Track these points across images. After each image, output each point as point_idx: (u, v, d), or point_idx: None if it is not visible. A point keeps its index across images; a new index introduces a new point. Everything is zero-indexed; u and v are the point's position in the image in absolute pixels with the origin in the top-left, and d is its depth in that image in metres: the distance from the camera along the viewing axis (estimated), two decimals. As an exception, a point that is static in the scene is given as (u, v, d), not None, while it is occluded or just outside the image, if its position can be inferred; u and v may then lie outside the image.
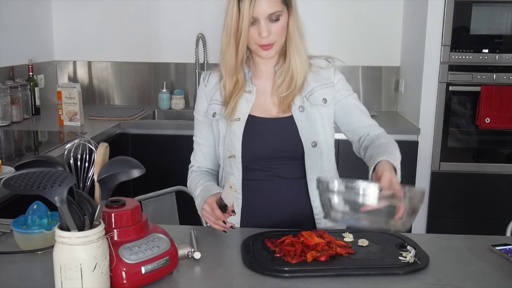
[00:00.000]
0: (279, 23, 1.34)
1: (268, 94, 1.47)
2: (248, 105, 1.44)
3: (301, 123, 1.43)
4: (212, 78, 1.51)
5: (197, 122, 1.54)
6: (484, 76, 2.70)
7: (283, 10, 1.34)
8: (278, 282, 1.08)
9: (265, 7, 1.31)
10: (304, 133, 1.43)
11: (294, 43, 1.40)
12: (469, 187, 2.81)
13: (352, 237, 1.27)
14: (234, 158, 1.44)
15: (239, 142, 1.43)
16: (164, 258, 1.04)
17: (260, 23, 1.33)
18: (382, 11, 3.20)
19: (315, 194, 1.44)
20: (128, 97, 3.43)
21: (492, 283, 1.09)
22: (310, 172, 1.45)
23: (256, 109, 1.45)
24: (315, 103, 1.45)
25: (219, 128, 1.47)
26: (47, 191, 0.88)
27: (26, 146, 2.40)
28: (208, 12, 3.27)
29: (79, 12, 3.33)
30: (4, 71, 2.80)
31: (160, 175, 2.44)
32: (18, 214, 1.24)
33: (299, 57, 1.41)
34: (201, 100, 1.52)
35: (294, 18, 1.39)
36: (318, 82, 1.47)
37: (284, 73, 1.43)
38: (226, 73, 1.43)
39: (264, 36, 1.33)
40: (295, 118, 1.43)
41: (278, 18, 1.34)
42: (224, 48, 1.42)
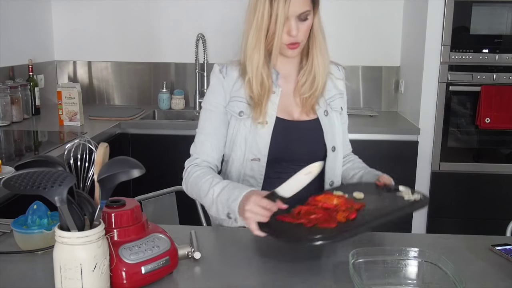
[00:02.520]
0: (307, 23, 1.35)
1: (291, 95, 1.46)
2: (274, 107, 1.42)
3: (326, 127, 1.45)
4: (231, 71, 1.46)
5: (207, 112, 1.47)
6: (484, 76, 2.70)
7: (311, 10, 1.34)
8: (279, 281, 1.08)
9: (297, 7, 1.31)
10: (328, 137, 1.45)
11: (318, 43, 1.40)
12: (469, 187, 2.81)
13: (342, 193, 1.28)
14: (258, 161, 1.42)
15: (266, 146, 1.41)
16: (164, 258, 1.04)
17: (290, 22, 1.32)
18: (382, 11, 3.20)
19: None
20: (128, 97, 3.43)
21: (492, 283, 1.09)
22: (327, 176, 1.48)
23: (280, 111, 1.44)
24: (335, 109, 1.48)
25: (239, 127, 1.43)
26: (47, 191, 0.88)
27: (26, 146, 2.40)
28: (208, 12, 3.27)
29: (79, 12, 3.33)
30: (4, 71, 2.80)
31: (160, 175, 2.44)
32: (18, 214, 1.24)
33: (322, 57, 1.41)
34: (218, 92, 1.46)
35: (318, 17, 1.39)
36: (336, 90, 1.51)
37: (307, 73, 1.43)
38: (253, 75, 1.39)
39: (294, 35, 1.33)
40: (321, 122, 1.45)
41: (307, 18, 1.34)
42: (251, 49, 1.37)
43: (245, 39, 1.39)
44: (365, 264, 1.04)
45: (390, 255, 1.07)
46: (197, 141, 1.50)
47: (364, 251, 1.04)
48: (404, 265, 1.06)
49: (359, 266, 1.02)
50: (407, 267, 1.06)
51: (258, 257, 1.23)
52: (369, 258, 1.04)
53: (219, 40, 3.28)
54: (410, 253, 1.06)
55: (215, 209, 1.35)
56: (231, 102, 1.44)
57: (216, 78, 1.47)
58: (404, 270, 1.06)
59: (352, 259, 1.01)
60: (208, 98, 1.49)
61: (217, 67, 1.49)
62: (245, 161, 1.44)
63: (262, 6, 1.31)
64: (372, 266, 1.04)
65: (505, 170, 2.79)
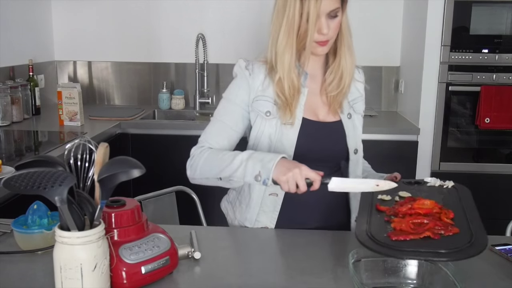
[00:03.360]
0: (337, 20, 1.34)
1: (317, 94, 1.45)
2: (300, 107, 1.40)
3: (349, 130, 1.44)
4: (257, 69, 1.42)
5: (229, 104, 1.43)
6: (484, 76, 2.70)
7: (340, 7, 1.33)
8: (279, 282, 1.08)
9: (329, 4, 1.30)
10: (350, 140, 1.44)
11: (346, 40, 1.39)
12: (469, 187, 2.80)
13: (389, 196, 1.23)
14: None
15: (292, 147, 1.39)
16: (164, 258, 1.04)
17: (321, 20, 1.31)
18: (382, 11, 3.20)
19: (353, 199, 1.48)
20: (128, 97, 3.43)
21: (492, 283, 1.09)
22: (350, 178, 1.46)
23: (306, 111, 1.42)
24: (357, 112, 1.48)
25: (265, 127, 1.40)
26: (47, 191, 0.88)
27: (26, 146, 2.40)
28: (208, 12, 3.27)
29: (79, 12, 3.33)
30: (4, 71, 2.80)
31: (160, 175, 2.44)
32: (18, 214, 1.24)
33: (350, 55, 1.40)
34: (243, 88, 1.42)
35: (346, 15, 1.38)
36: (359, 93, 1.50)
37: (334, 71, 1.41)
38: (285, 75, 1.36)
39: (325, 33, 1.31)
40: (344, 125, 1.44)
41: (336, 15, 1.33)
42: (282, 48, 1.35)
43: (275, 38, 1.36)
44: (365, 264, 1.04)
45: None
46: (211, 130, 1.44)
47: (364, 251, 1.04)
48: (404, 265, 1.06)
49: (359, 266, 1.02)
50: (407, 267, 1.06)
51: (258, 257, 1.23)
52: (369, 258, 1.04)
53: (219, 40, 3.28)
54: None
55: (241, 172, 1.29)
56: (257, 101, 1.41)
57: (242, 73, 1.43)
58: (404, 270, 1.06)
59: (352, 259, 1.01)
60: (232, 90, 1.45)
61: (243, 62, 1.45)
62: None
63: (293, 5, 1.30)
64: (372, 266, 1.04)
65: (505, 170, 2.79)
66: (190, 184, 1.91)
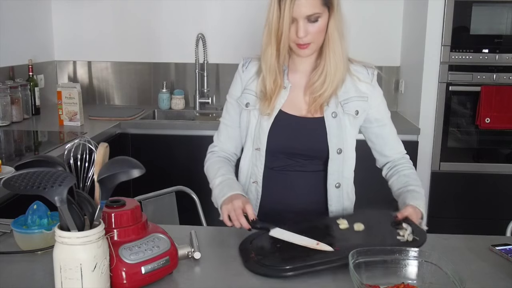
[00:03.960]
0: (317, 24, 1.35)
1: (302, 91, 1.47)
2: (280, 101, 1.45)
3: (331, 129, 1.44)
4: (251, 66, 1.51)
5: (228, 104, 1.56)
6: (484, 76, 2.70)
7: (322, 12, 1.35)
8: (279, 282, 1.08)
9: (304, 8, 1.32)
10: (333, 139, 1.44)
11: (332, 45, 1.40)
12: (469, 187, 2.81)
13: (347, 223, 1.28)
14: (259, 150, 1.47)
15: (265, 137, 1.45)
16: (164, 258, 1.04)
17: (299, 23, 1.33)
18: (382, 11, 3.20)
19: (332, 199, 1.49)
20: (128, 97, 3.43)
21: (492, 283, 1.09)
22: (331, 178, 1.47)
23: (287, 105, 1.46)
24: (347, 112, 1.46)
25: (250, 119, 1.48)
26: (47, 191, 0.88)
27: (26, 146, 2.40)
28: (208, 12, 3.27)
29: (79, 12, 3.33)
30: (4, 71, 2.80)
31: (160, 175, 2.44)
32: (18, 214, 1.24)
33: (335, 59, 1.41)
34: (236, 84, 1.53)
35: (336, 19, 1.39)
36: (356, 93, 1.48)
37: (318, 73, 1.43)
38: (267, 71, 1.43)
39: (301, 36, 1.34)
40: (326, 123, 1.44)
41: (317, 20, 1.34)
42: (264, 47, 1.42)
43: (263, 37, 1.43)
44: (365, 264, 1.04)
45: (390, 255, 1.07)
46: (219, 130, 1.60)
47: (364, 251, 1.04)
48: (404, 265, 1.06)
49: (359, 266, 1.02)
50: (407, 267, 1.06)
51: (258, 257, 1.23)
52: (369, 258, 1.04)
53: (219, 40, 3.28)
54: (410, 253, 1.06)
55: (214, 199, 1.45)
56: (243, 94, 1.50)
57: (238, 71, 1.54)
58: (404, 270, 1.06)
59: (352, 259, 1.01)
60: (230, 90, 1.56)
61: (242, 61, 1.55)
62: (252, 150, 1.50)
63: (273, 6, 1.35)
64: (372, 266, 1.04)
65: (505, 170, 2.79)
66: (190, 184, 1.92)
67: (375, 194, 2.54)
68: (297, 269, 1.10)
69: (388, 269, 1.05)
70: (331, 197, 1.48)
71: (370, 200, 1.47)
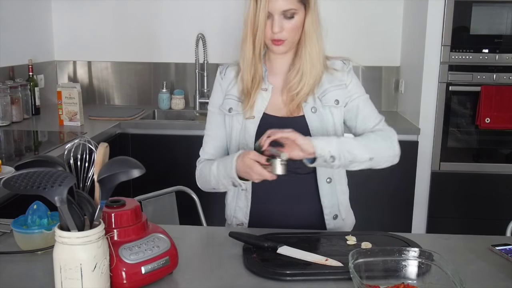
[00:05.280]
0: (293, 21, 1.35)
1: (279, 92, 1.47)
2: (263, 103, 1.45)
3: (313, 124, 1.43)
4: (229, 71, 1.52)
5: (210, 114, 1.55)
6: (484, 76, 2.70)
7: (298, 9, 1.35)
8: (279, 283, 1.08)
9: (280, 4, 1.32)
10: (316, 134, 1.43)
11: (308, 43, 1.40)
12: (469, 187, 2.81)
13: (355, 240, 1.27)
14: None
15: (252, 140, 1.43)
16: (164, 258, 1.04)
17: (274, 18, 1.34)
18: (382, 11, 3.20)
19: (325, 194, 1.47)
20: (128, 97, 3.43)
21: (492, 283, 1.09)
22: (321, 173, 1.46)
23: (269, 107, 1.45)
24: (327, 104, 1.44)
25: (233, 124, 1.47)
26: (47, 191, 0.88)
27: (26, 146, 2.40)
28: (208, 12, 3.27)
29: (79, 12, 3.33)
30: (4, 71, 2.80)
31: (160, 175, 2.44)
32: (18, 214, 1.24)
33: (311, 57, 1.41)
34: (217, 93, 1.52)
35: (312, 17, 1.39)
36: (331, 83, 1.46)
37: (295, 72, 1.43)
38: (244, 66, 1.43)
39: (275, 32, 1.35)
40: (307, 119, 1.43)
41: (293, 16, 1.35)
42: (242, 41, 1.42)
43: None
44: (365, 264, 1.04)
45: (390, 255, 1.07)
46: (204, 142, 1.56)
47: (364, 251, 1.04)
48: (404, 265, 1.06)
49: (359, 266, 1.02)
50: (407, 267, 1.06)
51: (258, 257, 1.23)
52: (369, 258, 1.04)
53: (219, 40, 3.28)
54: (410, 253, 1.06)
55: (223, 186, 1.42)
56: (224, 101, 1.49)
57: (217, 79, 1.54)
58: (404, 270, 1.06)
59: (352, 259, 1.01)
60: (210, 100, 1.56)
61: (219, 68, 1.54)
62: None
63: (250, 2, 1.36)
64: (372, 266, 1.04)
65: (505, 170, 2.79)
66: (190, 184, 1.91)
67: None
68: (297, 275, 1.10)
69: (388, 269, 1.05)
70: (324, 192, 1.46)
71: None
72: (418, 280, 1.05)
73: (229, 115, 1.47)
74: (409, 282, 1.04)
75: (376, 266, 1.05)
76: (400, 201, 2.81)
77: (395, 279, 1.05)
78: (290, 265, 1.13)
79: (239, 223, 1.50)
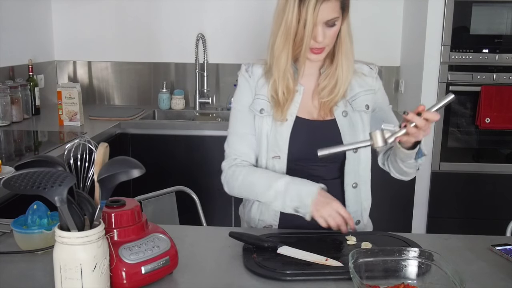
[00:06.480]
0: (334, 29, 1.33)
1: (310, 95, 1.45)
2: (295, 105, 1.42)
3: (344, 128, 1.42)
4: (256, 70, 1.46)
5: (238, 113, 1.48)
6: (484, 76, 2.70)
7: (339, 16, 1.33)
8: (279, 283, 1.08)
9: (326, 14, 1.30)
10: (347, 138, 1.42)
11: (344, 49, 1.39)
12: (469, 187, 2.81)
13: (355, 240, 1.27)
14: (279, 158, 1.42)
15: (285, 144, 1.41)
16: (164, 258, 1.04)
17: (317, 28, 1.31)
18: (382, 11, 3.20)
19: (350, 199, 1.46)
20: (128, 97, 3.43)
21: (492, 283, 1.09)
22: (348, 178, 1.45)
23: (300, 110, 1.43)
24: (358, 109, 1.44)
25: (262, 125, 1.43)
26: (47, 191, 0.88)
27: (26, 146, 2.39)
28: (208, 12, 3.27)
29: (79, 12, 3.33)
30: (4, 71, 2.80)
31: (160, 175, 2.44)
32: (18, 214, 1.24)
33: (347, 63, 1.39)
34: (245, 91, 1.47)
35: (347, 23, 1.38)
36: (362, 87, 1.46)
37: (329, 77, 1.41)
38: (280, 77, 1.39)
39: (320, 41, 1.32)
40: (338, 123, 1.42)
41: (334, 24, 1.33)
42: (279, 51, 1.37)
43: (273, 39, 1.38)
44: (365, 264, 1.04)
45: (390, 255, 1.06)
46: (231, 142, 1.49)
47: (364, 251, 1.04)
48: (404, 265, 1.06)
49: (359, 266, 1.02)
50: (407, 267, 1.06)
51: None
52: (369, 258, 1.04)
53: (219, 40, 3.28)
54: (410, 253, 1.06)
55: (280, 204, 1.37)
56: (255, 100, 1.44)
57: (243, 77, 1.48)
58: (404, 270, 1.06)
59: (352, 259, 1.01)
60: (237, 98, 1.49)
61: (243, 66, 1.49)
62: (268, 159, 1.44)
63: (292, 10, 1.30)
64: (372, 266, 1.04)
65: (505, 170, 2.79)
66: (190, 184, 1.92)
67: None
68: (297, 275, 1.10)
69: (388, 269, 1.05)
70: (349, 197, 1.45)
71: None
72: (418, 280, 1.05)
73: (260, 116, 1.43)
74: (409, 282, 1.04)
75: (376, 266, 1.05)
76: (400, 201, 2.81)
77: (395, 279, 1.05)
78: (290, 265, 1.13)
79: (266, 225, 1.47)
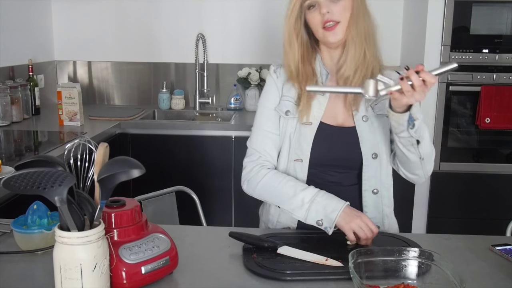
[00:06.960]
0: (341, 3, 1.33)
1: (341, 97, 1.44)
2: (321, 108, 1.42)
3: (363, 134, 1.40)
4: (283, 71, 1.47)
5: (265, 110, 1.47)
6: (484, 76, 2.70)
7: None
8: (279, 283, 1.08)
9: None
10: (366, 144, 1.40)
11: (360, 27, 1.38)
12: (469, 187, 2.81)
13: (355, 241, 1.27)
14: (301, 162, 1.41)
15: (308, 147, 1.40)
16: (164, 258, 1.04)
17: (320, 3, 1.32)
18: (382, 11, 3.19)
19: (368, 206, 1.44)
20: (128, 97, 3.43)
21: (492, 283, 1.09)
22: (367, 184, 1.42)
23: (325, 114, 1.42)
24: (379, 113, 1.41)
25: (287, 127, 1.43)
26: (47, 191, 0.88)
27: (26, 146, 2.39)
28: (208, 12, 3.27)
29: (79, 12, 3.33)
30: (4, 71, 2.80)
31: (160, 175, 2.44)
32: (18, 214, 1.24)
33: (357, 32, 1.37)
34: (272, 91, 1.47)
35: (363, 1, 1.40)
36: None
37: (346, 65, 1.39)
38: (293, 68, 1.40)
39: (324, 12, 1.31)
40: (357, 128, 1.40)
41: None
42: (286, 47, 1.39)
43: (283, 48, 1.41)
44: (365, 264, 1.04)
45: (390, 255, 1.06)
46: (256, 139, 1.48)
47: (364, 251, 1.04)
48: (404, 265, 1.06)
49: (359, 266, 1.02)
50: (407, 267, 1.06)
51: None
52: (369, 258, 1.04)
53: (219, 40, 3.28)
54: (410, 253, 1.06)
55: (303, 214, 1.33)
56: (281, 101, 1.45)
57: (271, 78, 1.49)
58: (404, 270, 1.06)
59: (352, 259, 1.01)
60: (265, 97, 1.49)
61: (272, 67, 1.50)
62: (289, 161, 1.43)
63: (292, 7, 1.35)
64: (372, 266, 1.04)
65: (505, 170, 2.79)
66: (190, 184, 1.92)
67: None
68: (297, 275, 1.10)
69: (388, 269, 1.05)
70: (367, 204, 1.43)
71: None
72: (418, 280, 1.05)
73: (285, 117, 1.43)
74: (409, 282, 1.04)
75: (376, 266, 1.05)
76: (400, 201, 2.81)
77: (395, 279, 1.05)
78: (290, 265, 1.13)
79: (284, 227, 1.46)
